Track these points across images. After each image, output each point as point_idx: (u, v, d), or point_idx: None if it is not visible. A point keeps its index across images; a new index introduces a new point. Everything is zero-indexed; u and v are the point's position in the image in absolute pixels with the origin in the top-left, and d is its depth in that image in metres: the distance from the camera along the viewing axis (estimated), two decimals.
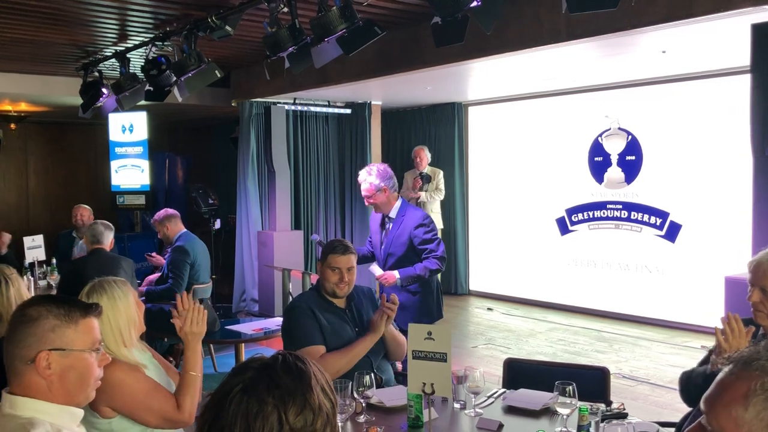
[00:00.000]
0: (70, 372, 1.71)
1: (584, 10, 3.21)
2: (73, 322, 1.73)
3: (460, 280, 8.89)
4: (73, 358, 1.72)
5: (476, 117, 8.89)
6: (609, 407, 2.73)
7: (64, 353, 1.70)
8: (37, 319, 1.70)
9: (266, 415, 1.18)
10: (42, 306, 1.72)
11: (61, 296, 1.80)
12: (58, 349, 1.69)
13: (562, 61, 5.96)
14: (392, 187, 4.51)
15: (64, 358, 1.70)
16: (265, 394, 1.20)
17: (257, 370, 1.24)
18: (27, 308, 1.73)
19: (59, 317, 1.71)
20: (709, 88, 6.62)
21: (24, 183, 11.00)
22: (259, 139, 8.11)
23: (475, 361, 5.79)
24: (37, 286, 5.73)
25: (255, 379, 1.23)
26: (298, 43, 4.27)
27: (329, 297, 3.21)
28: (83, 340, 1.74)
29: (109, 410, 2.35)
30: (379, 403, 2.69)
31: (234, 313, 8.06)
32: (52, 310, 1.71)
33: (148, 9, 4.97)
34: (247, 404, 1.19)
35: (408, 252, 4.42)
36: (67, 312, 1.73)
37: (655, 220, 7.08)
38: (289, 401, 1.20)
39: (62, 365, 1.70)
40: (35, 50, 6.29)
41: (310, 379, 1.25)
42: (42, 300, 1.75)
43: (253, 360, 1.28)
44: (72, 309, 1.74)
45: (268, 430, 1.18)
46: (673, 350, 6.13)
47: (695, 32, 4.72)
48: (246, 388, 1.21)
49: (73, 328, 1.72)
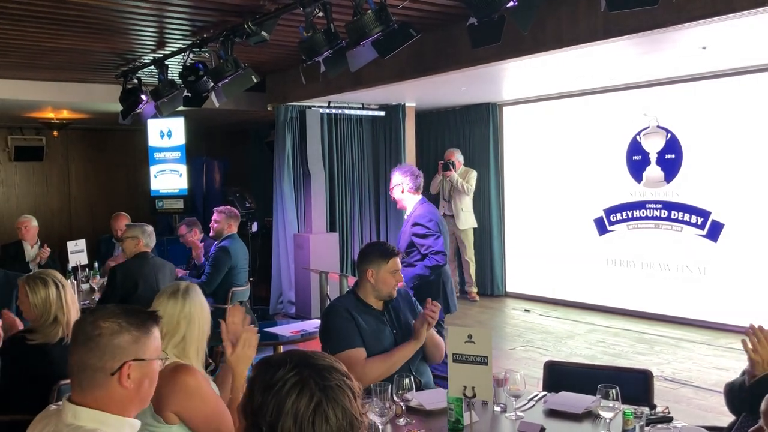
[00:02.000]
0: (145, 380, 1.80)
1: (625, 8, 3.16)
2: (149, 333, 1.81)
3: (497, 281, 8.83)
4: (149, 366, 1.80)
5: (511, 117, 8.82)
6: (653, 411, 2.68)
7: (144, 363, 1.78)
8: (118, 332, 1.76)
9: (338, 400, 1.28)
10: (116, 319, 1.78)
11: (127, 307, 1.85)
12: (139, 359, 1.77)
13: (598, 60, 5.88)
14: (411, 185, 4.64)
15: (142, 368, 1.78)
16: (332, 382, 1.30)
17: (299, 366, 1.31)
18: (100, 321, 1.77)
19: (139, 328, 1.79)
20: (750, 84, 6.47)
21: (66, 189, 11.25)
22: (294, 142, 8.17)
23: (514, 363, 5.74)
24: (80, 289, 5.84)
25: (303, 373, 1.30)
26: (333, 47, 4.29)
27: (367, 300, 3.20)
28: (155, 348, 1.83)
29: (174, 416, 2.32)
30: (419, 406, 2.69)
31: (271, 315, 8.13)
32: (131, 323, 1.79)
33: (186, 16, 5.04)
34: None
35: (409, 248, 4.56)
36: (143, 323, 1.81)
37: (696, 219, 6.95)
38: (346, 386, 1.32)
39: (140, 374, 1.78)
40: (76, 59, 6.43)
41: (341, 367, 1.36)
42: (113, 314, 1.81)
43: (279, 362, 1.34)
44: (145, 320, 1.82)
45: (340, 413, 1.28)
46: (716, 352, 6.00)
47: (736, 27, 4.61)
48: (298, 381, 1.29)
49: (149, 339, 1.81)
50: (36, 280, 3.13)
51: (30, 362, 3.01)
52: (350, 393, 1.31)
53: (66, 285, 3.17)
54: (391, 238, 8.56)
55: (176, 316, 2.48)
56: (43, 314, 3.06)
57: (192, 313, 2.51)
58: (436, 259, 4.52)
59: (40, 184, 11.03)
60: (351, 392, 1.32)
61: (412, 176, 4.71)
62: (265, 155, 10.23)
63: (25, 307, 3.13)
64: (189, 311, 2.51)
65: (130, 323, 1.78)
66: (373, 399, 2.41)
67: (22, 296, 3.14)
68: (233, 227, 5.95)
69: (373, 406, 2.38)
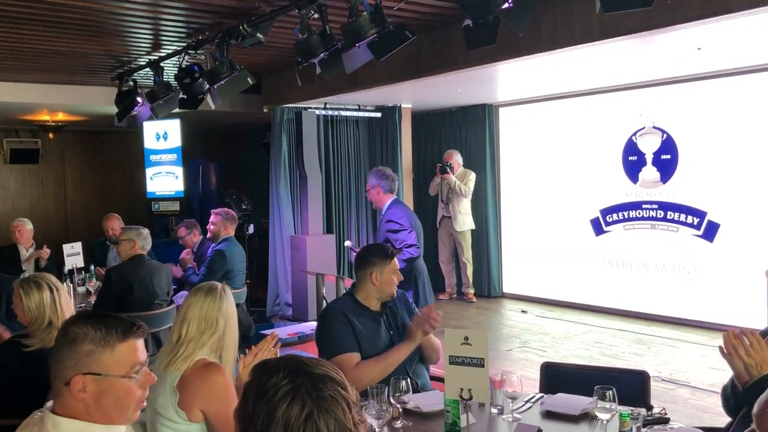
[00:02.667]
0: (107, 396, 1.67)
1: (619, 9, 3.16)
2: (109, 347, 1.67)
3: (494, 282, 8.83)
4: (109, 382, 1.66)
5: (507, 118, 8.83)
6: (650, 412, 2.68)
7: (100, 378, 1.66)
8: (75, 341, 1.66)
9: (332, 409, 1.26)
10: (82, 327, 1.68)
11: (103, 316, 1.74)
12: (93, 373, 1.65)
13: (594, 60, 5.88)
14: (385, 187, 5.11)
15: (99, 383, 1.66)
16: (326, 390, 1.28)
17: (292, 374, 1.29)
18: (70, 326, 1.71)
19: (95, 342, 1.66)
20: (746, 84, 6.48)
21: (62, 191, 11.23)
22: (290, 144, 8.17)
23: (510, 364, 5.74)
24: (76, 292, 5.83)
25: (296, 381, 1.28)
26: (329, 48, 4.29)
27: (367, 302, 3.20)
28: (120, 365, 1.68)
29: (198, 414, 2.32)
30: (415, 409, 2.68)
31: (268, 317, 8.12)
32: (89, 333, 1.67)
33: (181, 18, 5.04)
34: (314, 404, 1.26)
35: (384, 243, 4.81)
36: (105, 336, 1.67)
37: (693, 219, 6.96)
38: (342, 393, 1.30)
39: (98, 389, 1.66)
40: (71, 61, 6.42)
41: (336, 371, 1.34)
42: (84, 319, 1.72)
43: (273, 368, 1.32)
44: (110, 332, 1.68)
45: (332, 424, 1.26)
46: (713, 352, 5.99)
47: (732, 28, 4.62)
48: (292, 389, 1.27)
49: (108, 353, 1.67)
50: (30, 284, 3.12)
51: (27, 367, 3.00)
52: (344, 404, 1.28)
53: (61, 289, 3.16)
54: None
55: (215, 313, 2.51)
56: (38, 318, 3.06)
57: (229, 313, 2.56)
58: (410, 252, 4.89)
59: (36, 186, 11.01)
60: (345, 403, 1.29)
61: (387, 179, 5.14)
62: (261, 157, 10.22)
63: (20, 310, 3.12)
64: (226, 309, 2.55)
65: (88, 335, 1.66)
66: (369, 401, 2.41)
67: (16, 300, 3.14)
68: (230, 229, 5.95)
69: (369, 409, 2.38)
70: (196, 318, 2.49)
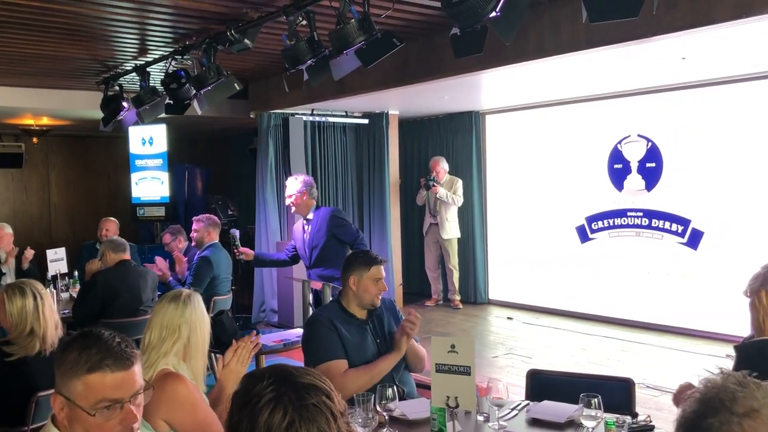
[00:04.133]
0: (76, 424, 1.60)
1: (605, 19, 3.19)
2: (76, 377, 1.59)
3: (480, 289, 8.85)
4: (77, 412, 1.59)
5: (494, 125, 8.86)
6: (635, 419, 2.69)
7: (70, 403, 1.60)
8: (60, 358, 1.62)
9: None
10: (72, 344, 1.63)
11: (92, 339, 1.64)
12: (64, 396, 1.60)
13: (580, 69, 5.93)
14: (311, 194, 5.31)
15: (70, 408, 1.60)
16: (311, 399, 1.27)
17: (277, 383, 1.28)
18: (67, 339, 1.67)
19: (70, 364, 1.60)
20: (729, 94, 6.55)
21: (46, 196, 11.13)
22: (277, 150, 8.15)
23: (496, 371, 5.75)
24: (59, 298, 5.78)
25: (280, 390, 1.27)
26: (316, 55, 4.29)
27: (350, 308, 3.19)
28: (85, 397, 1.59)
29: (163, 424, 2.30)
30: (402, 416, 2.68)
31: (254, 323, 8.07)
32: (70, 355, 1.61)
33: (168, 24, 5.02)
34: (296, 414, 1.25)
35: (328, 241, 5.11)
36: (76, 361, 1.60)
37: (677, 227, 7.01)
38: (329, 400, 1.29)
39: (70, 414, 1.60)
40: (56, 65, 6.38)
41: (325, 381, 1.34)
42: (79, 337, 1.66)
43: (259, 376, 1.32)
44: (80, 360, 1.60)
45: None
46: (698, 359, 6.05)
47: (716, 38, 4.68)
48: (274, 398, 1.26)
49: (77, 381, 1.60)
50: (15, 290, 3.10)
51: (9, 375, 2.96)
52: (329, 413, 1.27)
53: (45, 297, 3.13)
54: (374, 244, 8.56)
55: (177, 321, 2.49)
56: (19, 325, 3.02)
57: (194, 320, 2.52)
58: (364, 242, 5.17)
59: (20, 191, 10.90)
60: (330, 413, 1.27)
61: (312, 186, 5.37)
62: (247, 163, 10.19)
63: (2, 314, 3.10)
64: (190, 317, 2.52)
65: (71, 356, 1.60)
66: (356, 409, 2.41)
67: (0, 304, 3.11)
68: (213, 235, 5.89)
69: (356, 417, 2.37)
70: (158, 325, 2.48)
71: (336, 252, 5.06)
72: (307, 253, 5.30)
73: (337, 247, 5.13)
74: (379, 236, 8.56)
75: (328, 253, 5.12)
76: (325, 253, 5.15)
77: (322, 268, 5.24)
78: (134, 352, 1.67)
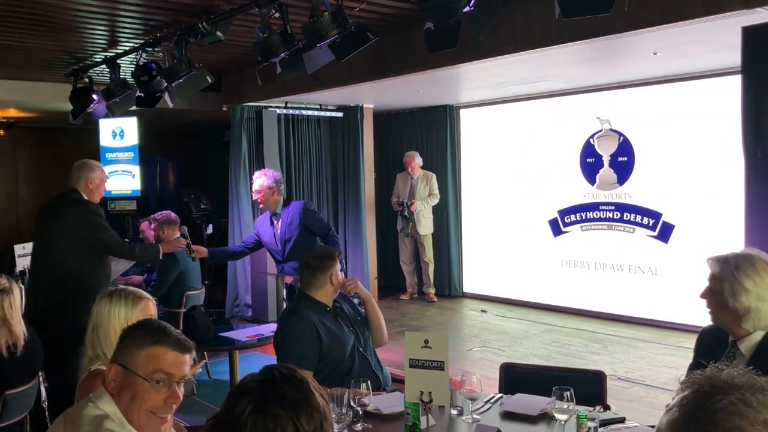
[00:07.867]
0: (125, 392, 1.78)
1: (578, 15, 3.20)
2: (142, 347, 1.79)
3: (454, 282, 8.89)
4: (131, 379, 1.77)
5: (468, 120, 8.89)
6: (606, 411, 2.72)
7: (126, 372, 1.78)
8: (129, 333, 1.83)
9: (283, 427, 1.25)
10: (141, 325, 1.86)
11: (156, 322, 1.89)
12: (123, 365, 1.79)
13: (553, 63, 5.96)
14: (279, 189, 5.37)
15: (124, 377, 1.78)
16: (277, 408, 1.26)
17: (260, 388, 1.28)
18: (138, 323, 1.91)
19: (136, 337, 1.81)
20: (700, 89, 6.64)
21: (14, 189, 10.92)
22: (250, 143, 8.08)
23: (470, 364, 5.78)
24: None
25: (262, 396, 1.26)
26: (290, 48, 4.25)
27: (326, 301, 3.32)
28: (145, 365, 1.78)
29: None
30: (376, 411, 2.68)
31: (227, 318, 8.02)
32: (138, 330, 1.83)
33: (138, 15, 4.93)
34: (263, 422, 1.25)
35: (301, 233, 5.20)
36: (141, 336, 1.81)
37: (648, 220, 7.10)
38: (300, 409, 1.27)
39: (121, 382, 1.79)
40: (24, 56, 6.24)
41: (308, 384, 1.33)
42: (146, 321, 1.91)
43: (249, 380, 1.31)
44: (145, 336, 1.81)
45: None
46: (667, 351, 6.14)
47: (686, 34, 4.73)
48: (256, 407, 1.26)
49: (141, 351, 1.79)
50: None
51: None
52: None
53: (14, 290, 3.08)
54: (349, 240, 8.55)
55: (86, 318, 2.50)
56: None
57: (98, 318, 2.46)
58: (335, 233, 5.29)
59: None
60: None
61: (280, 181, 5.42)
62: (220, 156, 10.08)
63: None
64: (95, 313, 2.48)
65: (147, 332, 1.81)
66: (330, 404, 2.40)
67: None
68: (169, 233, 5.70)
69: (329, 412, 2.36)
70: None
71: (309, 245, 5.06)
72: (279, 247, 5.31)
73: (310, 240, 5.17)
74: (354, 230, 8.55)
75: (301, 245, 5.12)
76: (297, 246, 5.17)
77: (295, 261, 5.22)
78: (191, 345, 1.86)
